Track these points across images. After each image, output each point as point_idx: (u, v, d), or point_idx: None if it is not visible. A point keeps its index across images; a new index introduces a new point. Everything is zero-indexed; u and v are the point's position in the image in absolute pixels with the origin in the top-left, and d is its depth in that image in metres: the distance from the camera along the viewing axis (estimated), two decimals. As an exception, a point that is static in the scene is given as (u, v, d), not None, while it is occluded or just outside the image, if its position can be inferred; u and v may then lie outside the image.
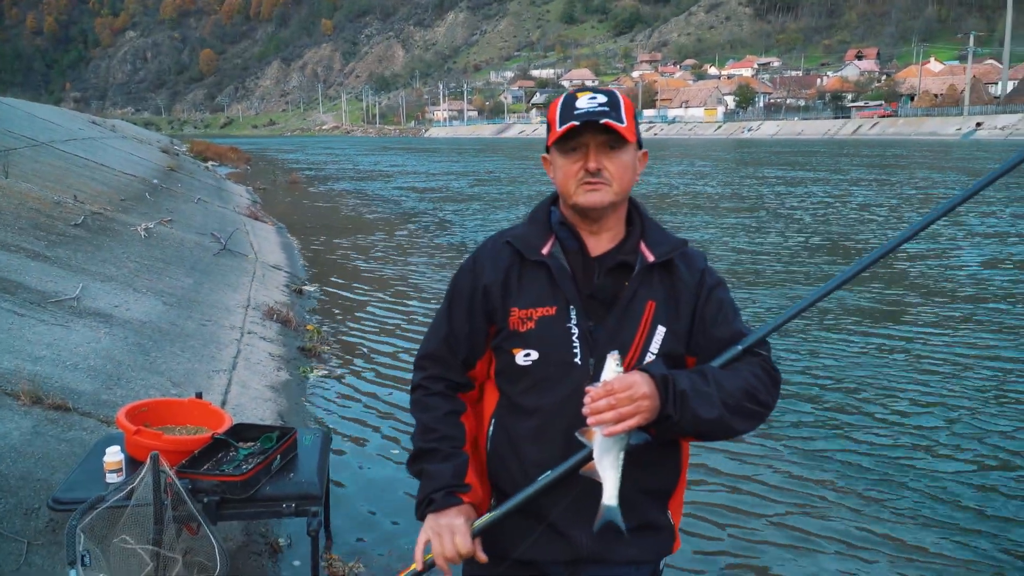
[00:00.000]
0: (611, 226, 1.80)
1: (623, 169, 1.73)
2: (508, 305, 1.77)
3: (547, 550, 1.78)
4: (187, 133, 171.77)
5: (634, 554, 1.81)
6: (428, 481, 1.79)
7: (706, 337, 1.78)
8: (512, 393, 1.81)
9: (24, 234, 7.31)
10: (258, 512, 3.25)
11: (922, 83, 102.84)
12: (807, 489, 4.72)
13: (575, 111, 1.70)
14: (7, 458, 3.49)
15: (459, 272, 1.90)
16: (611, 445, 1.59)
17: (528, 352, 1.75)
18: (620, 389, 1.55)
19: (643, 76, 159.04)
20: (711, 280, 1.83)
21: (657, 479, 1.82)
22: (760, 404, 1.72)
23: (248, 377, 5.74)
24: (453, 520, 1.73)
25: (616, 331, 1.73)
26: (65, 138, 17.26)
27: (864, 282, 10.15)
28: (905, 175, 30.01)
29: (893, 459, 5.11)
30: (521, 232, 1.83)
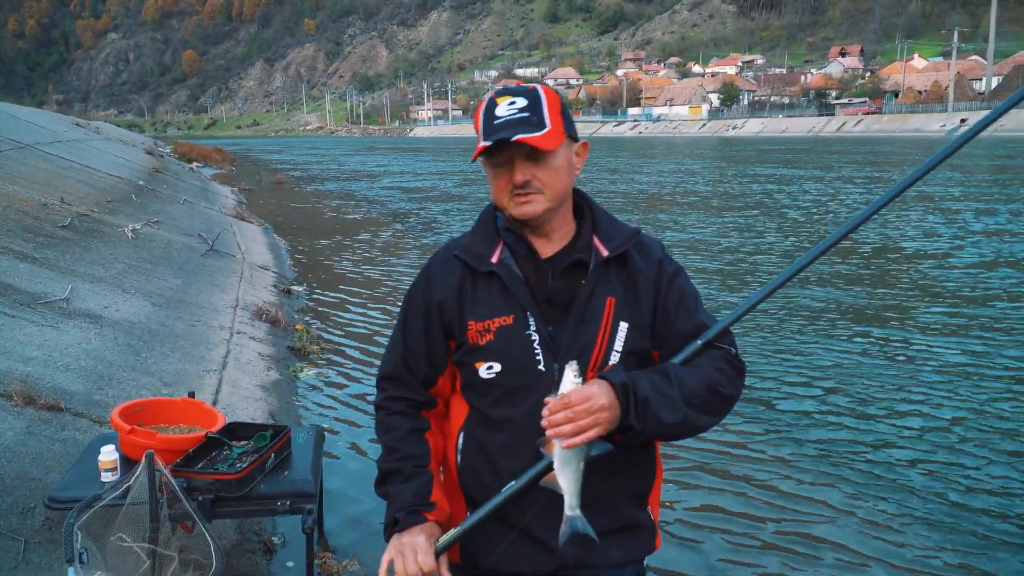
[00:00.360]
0: (558, 226, 1.74)
1: (553, 175, 1.66)
2: (465, 319, 1.72)
3: (529, 560, 1.74)
4: (171, 134, 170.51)
5: (618, 556, 1.77)
6: (392, 503, 1.77)
7: (669, 329, 1.74)
8: (481, 406, 1.76)
9: (12, 236, 7.28)
10: (253, 510, 3.27)
11: (906, 80, 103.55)
12: (800, 490, 4.75)
13: (495, 121, 1.64)
14: (2, 458, 3.50)
15: (411, 289, 1.85)
16: (571, 457, 1.57)
17: (491, 364, 1.71)
18: (577, 402, 1.52)
19: (627, 74, 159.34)
20: (670, 269, 1.77)
21: (635, 480, 1.79)
22: (724, 398, 1.69)
23: (238, 377, 5.76)
24: (415, 538, 1.70)
25: (577, 333, 1.68)
26: (50, 140, 17.15)
27: (864, 282, 10.21)
28: (896, 172, 30.09)
29: (891, 460, 5.14)
30: (468, 243, 1.78)
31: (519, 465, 1.67)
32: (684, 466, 4.93)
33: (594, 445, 1.57)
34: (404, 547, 1.69)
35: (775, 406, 6.03)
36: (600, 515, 1.70)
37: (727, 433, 5.41)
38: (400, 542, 1.70)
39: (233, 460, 3.32)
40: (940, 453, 5.17)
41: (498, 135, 1.62)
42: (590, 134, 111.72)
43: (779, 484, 4.77)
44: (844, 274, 10.84)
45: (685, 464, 4.96)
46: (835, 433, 5.54)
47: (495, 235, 1.76)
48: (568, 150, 1.70)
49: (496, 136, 1.62)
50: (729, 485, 4.74)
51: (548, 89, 1.70)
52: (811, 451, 5.24)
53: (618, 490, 1.76)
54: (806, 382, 6.56)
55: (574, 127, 1.73)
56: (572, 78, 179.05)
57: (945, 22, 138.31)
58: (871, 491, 4.65)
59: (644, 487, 1.82)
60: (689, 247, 13.44)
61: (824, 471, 4.92)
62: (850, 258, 11.98)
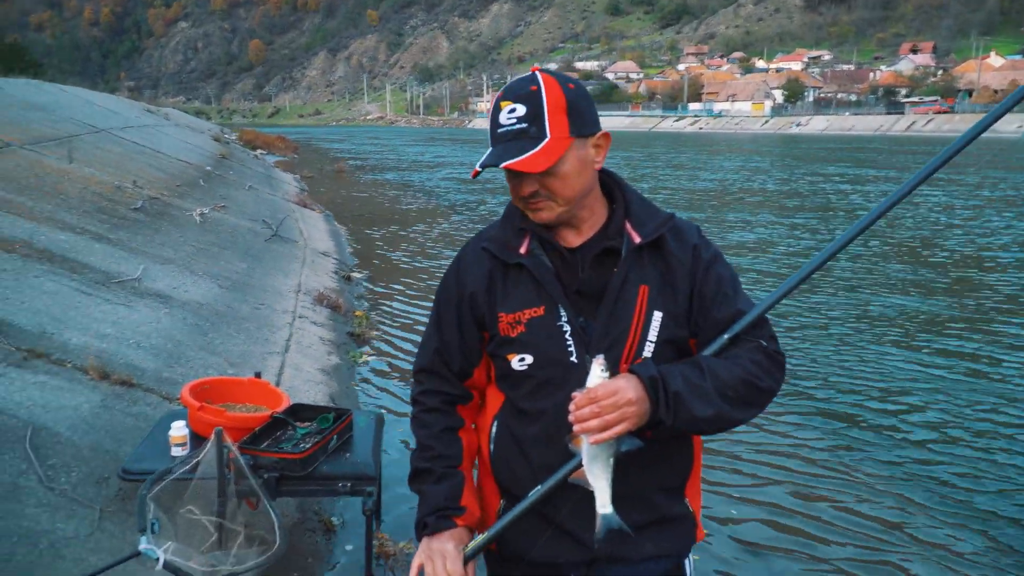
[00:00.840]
0: (584, 218, 1.69)
1: (560, 182, 1.60)
2: (495, 311, 1.70)
3: (563, 551, 1.73)
4: (236, 122, 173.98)
5: (652, 550, 1.74)
6: (423, 503, 1.77)
7: (705, 318, 1.67)
8: (515, 398, 1.74)
9: (88, 217, 7.55)
10: (315, 490, 3.34)
11: (981, 78, 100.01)
12: (873, 511, 4.62)
13: (498, 129, 1.60)
14: (79, 429, 3.65)
15: (443, 281, 1.83)
16: (599, 452, 1.54)
17: (523, 356, 1.68)
18: (604, 396, 1.49)
19: (689, 69, 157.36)
20: (707, 255, 1.70)
21: (668, 472, 1.75)
22: (761, 391, 1.62)
23: (300, 360, 5.88)
24: (445, 545, 1.70)
25: (609, 324, 1.64)
26: (123, 125, 17.69)
27: (949, 291, 9.74)
28: (976, 176, 28.75)
29: (978, 488, 4.88)
30: (496, 234, 1.74)
31: (553, 458, 1.64)
32: (760, 479, 4.89)
33: (624, 441, 1.54)
34: (433, 553, 1.70)
35: (854, 419, 5.72)
36: (632, 508, 1.68)
37: (796, 446, 5.22)
38: (430, 547, 1.72)
39: (297, 440, 3.40)
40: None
41: (491, 155, 1.59)
42: (649, 128, 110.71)
43: (852, 504, 4.53)
44: (926, 282, 10.37)
45: (762, 478, 4.92)
46: (914, 452, 5.21)
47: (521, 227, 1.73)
48: (579, 150, 1.61)
49: (488, 159, 1.59)
50: (799, 506, 4.51)
51: (552, 84, 1.60)
52: (885, 471, 4.93)
53: (650, 483, 1.72)
54: (882, 396, 6.22)
55: (588, 121, 1.63)
56: (632, 72, 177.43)
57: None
58: (951, 519, 4.35)
59: (679, 479, 1.78)
60: (757, 248, 13.15)
61: (900, 493, 4.62)
62: (934, 265, 11.48)
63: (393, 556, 3.68)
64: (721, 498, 4.51)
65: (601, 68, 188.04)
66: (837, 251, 1.71)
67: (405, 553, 3.72)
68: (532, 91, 1.58)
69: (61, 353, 4.33)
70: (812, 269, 1.70)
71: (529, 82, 1.60)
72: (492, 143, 1.62)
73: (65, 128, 12.93)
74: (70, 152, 9.95)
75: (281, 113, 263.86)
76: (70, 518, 3.06)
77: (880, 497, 4.55)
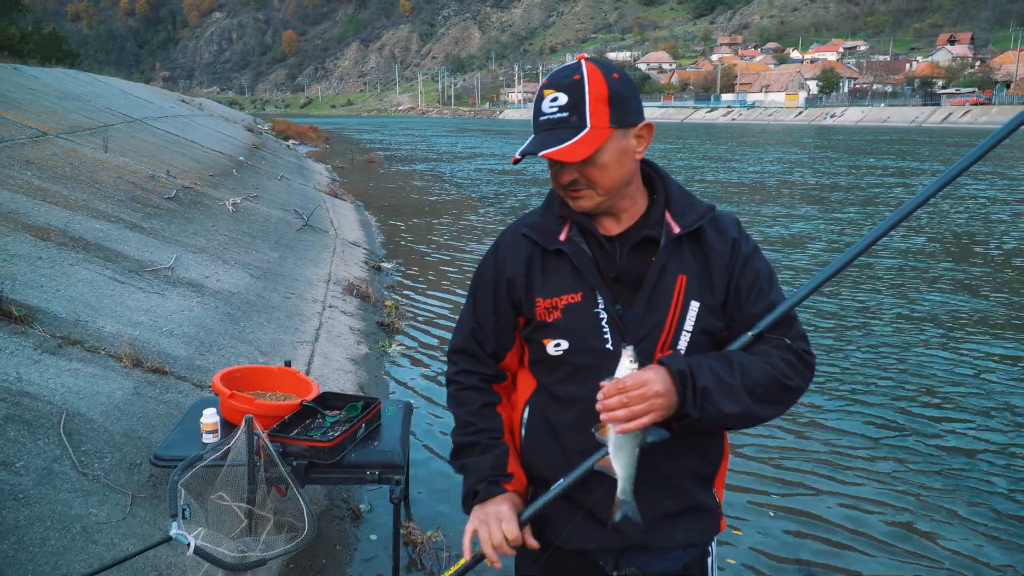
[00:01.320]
0: (624, 207, 1.70)
1: (600, 172, 1.61)
2: (532, 295, 1.71)
3: (594, 538, 1.75)
4: (269, 112, 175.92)
5: (682, 538, 1.76)
6: (470, 475, 1.78)
7: (741, 312, 1.68)
8: (549, 383, 1.76)
9: (122, 206, 7.65)
10: (343, 477, 3.36)
11: (1020, 70, 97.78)
12: (920, 524, 4.57)
13: (540, 117, 1.62)
14: (112, 415, 3.70)
15: (481, 264, 1.85)
16: (625, 442, 1.55)
17: (558, 342, 1.69)
18: (632, 387, 1.50)
19: (722, 59, 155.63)
20: (746, 249, 1.71)
21: (702, 462, 1.77)
22: (789, 390, 1.63)
23: (330, 349, 5.92)
24: (499, 507, 1.71)
25: (646, 312, 1.65)
26: (157, 115, 17.91)
27: (1003, 290, 9.33)
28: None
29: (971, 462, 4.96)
30: (537, 221, 1.76)
31: (587, 443, 1.65)
32: (790, 471, 4.84)
33: (650, 432, 1.55)
34: (488, 516, 1.71)
35: (895, 424, 5.51)
36: (666, 496, 1.72)
37: (832, 451, 5.02)
38: (484, 512, 1.72)
39: (326, 428, 3.43)
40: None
41: (532, 143, 1.60)
42: (682, 119, 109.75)
43: (884, 512, 4.41)
44: (974, 280, 9.89)
45: (790, 469, 4.87)
46: (956, 461, 4.92)
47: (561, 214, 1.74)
48: (620, 140, 1.61)
49: (528, 147, 1.60)
50: (831, 499, 4.44)
51: (595, 73, 1.60)
52: (927, 481, 4.67)
53: (685, 472, 1.74)
54: (926, 400, 5.93)
55: (631, 111, 1.63)
56: (665, 62, 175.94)
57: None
58: (985, 531, 4.22)
59: (710, 469, 1.79)
60: (797, 242, 12.84)
61: (942, 505, 4.38)
62: (982, 262, 11.01)
63: (420, 544, 3.69)
64: (746, 493, 4.47)
65: (633, 59, 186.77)
66: (868, 246, 1.70)
67: (432, 542, 3.73)
68: (575, 80, 1.60)
69: (95, 340, 4.40)
70: (841, 266, 1.71)
71: (573, 71, 1.61)
72: (534, 131, 1.63)
73: (100, 117, 13.12)
74: (105, 141, 10.09)
75: (313, 104, 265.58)
76: (103, 503, 3.11)
77: (918, 507, 4.38)
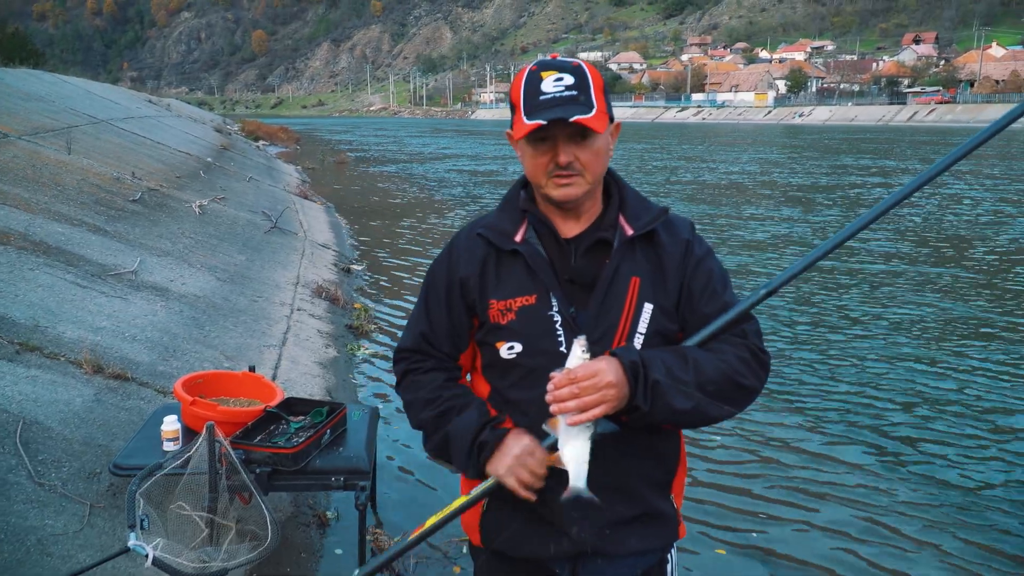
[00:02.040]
0: (587, 208, 1.70)
1: (594, 157, 1.61)
2: (486, 297, 1.69)
3: (547, 545, 1.72)
4: (239, 113, 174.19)
5: (637, 545, 1.74)
6: (461, 436, 1.67)
7: (693, 313, 1.67)
8: (502, 387, 1.73)
9: (86, 208, 7.53)
10: (308, 484, 3.33)
11: (983, 69, 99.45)
12: (841, 479, 4.66)
13: (541, 96, 1.57)
14: (71, 423, 3.63)
15: (434, 265, 1.82)
16: (576, 434, 1.53)
17: (511, 345, 1.67)
18: (583, 377, 1.47)
19: (692, 59, 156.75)
20: (699, 250, 1.71)
21: (656, 467, 1.75)
22: (743, 389, 1.62)
23: (298, 353, 5.86)
24: (521, 441, 1.61)
25: (599, 314, 1.64)
26: (123, 116, 17.67)
27: (997, 295, 9.10)
28: (1004, 166, 27.84)
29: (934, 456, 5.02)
30: (493, 221, 1.74)
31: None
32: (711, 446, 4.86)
33: (600, 424, 1.53)
34: (518, 455, 1.60)
35: (906, 439, 5.24)
36: (619, 502, 1.69)
37: (829, 459, 4.91)
38: (509, 457, 1.61)
39: (290, 435, 3.38)
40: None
41: (549, 113, 1.55)
42: (652, 119, 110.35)
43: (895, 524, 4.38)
44: (957, 283, 9.63)
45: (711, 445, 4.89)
46: (941, 472, 4.79)
47: (521, 213, 1.72)
48: (608, 132, 1.65)
49: (547, 114, 1.55)
50: (833, 522, 4.26)
51: (591, 67, 1.64)
52: (932, 492, 4.51)
53: (639, 476, 1.71)
54: (939, 415, 5.64)
55: (611, 108, 1.68)
56: (636, 63, 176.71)
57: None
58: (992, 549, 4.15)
59: (666, 474, 1.78)
60: (776, 244, 12.76)
61: (924, 516, 4.26)
62: (978, 266, 10.76)
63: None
64: (711, 496, 4.48)
65: (604, 59, 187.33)
66: (827, 252, 1.71)
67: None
68: (575, 66, 1.62)
69: (55, 347, 4.31)
70: (798, 271, 1.71)
71: (567, 60, 1.64)
72: (534, 110, 1.57)
73: (64, 119, 12.90)
74: (69, 143, 9.92)
75: (284, 104, 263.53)
76: (59, 514, 3.04)
77: (895, 524, 4.21)
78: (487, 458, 1.64)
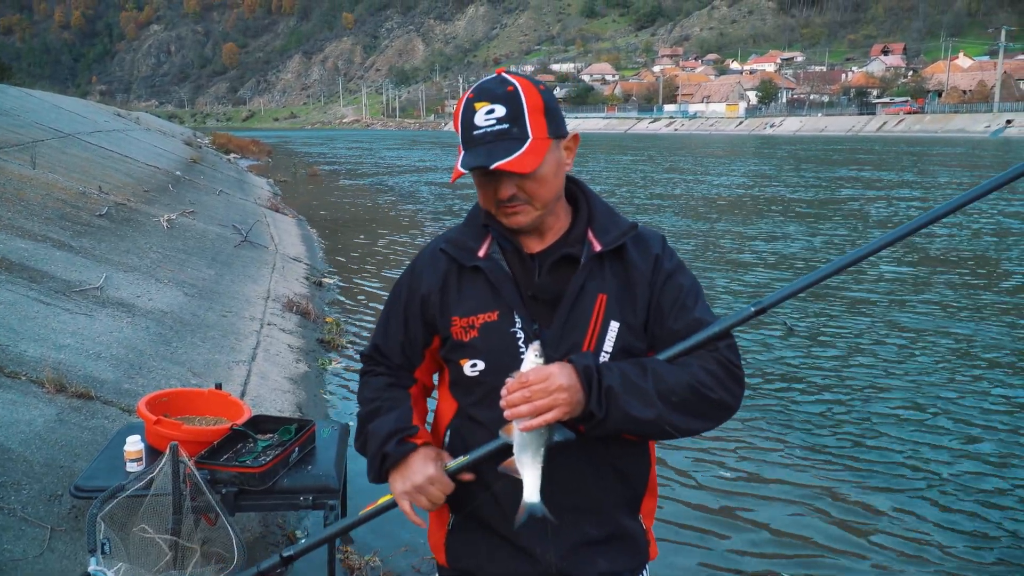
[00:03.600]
0: (550, 224, 1.66)
1: (539, 185, 1.56)
2: (448, 314, 1.66)
3: (513, 567, 1.69)
4: (210, 126, 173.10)
5: (605, 567, 1.69)
6: (374, 439, 1.68)
7: (662, 329, 1.63)
8: (466, 405, 1.70)
9: (50, 224, 7.39)
10: (276, 504, 3.26)
11: (950, 79, 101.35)
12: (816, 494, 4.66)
13: (473, 131, 1.54)
14: (32, 444, 3.54)
15: (398, 281, 1.81)
16: (530, 441, 1.50)
17: (475, 362, 1.64)
18: (535, 381, 1.45)
19: (664, 71, 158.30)
20: (669, 265, 1.66)
21: (623, 485, 1.70)
22: (711, 402, 1.56)
23: (268, 368, 5.77)
24: (423, 468, 1.62)
25: (564, 332, 1.60)
26: (91, 130, 17.44)
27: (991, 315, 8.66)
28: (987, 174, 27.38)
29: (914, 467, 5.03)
30: (455, 236, 1.71)
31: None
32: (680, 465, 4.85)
33: (556, 431, 1.50)
34: (416, 482, 1.62)
35: (924, 468, 4.99)
36: (585, 521, 1.66)
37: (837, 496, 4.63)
38: (406, 479, 1.64)
39: (257, 453, 3.32)
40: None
41: (474, 156, 1.52)
42: (625, 130, 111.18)
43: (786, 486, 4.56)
44: (978, 304, 9.06)
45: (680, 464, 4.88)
46: (960, 503, 4.54)
47: (484, 228, 1.68)
48: (556, 152, 1.59)
49: (472, 160, 1.52)
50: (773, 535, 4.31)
51: (529, 88, 1.57)
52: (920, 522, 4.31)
53: (605, 495, 1.68)
54: (962, 453, 5.25)
55: (562, 123, 1.61)
56: (608, 74, 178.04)
57: (992, 20, 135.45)
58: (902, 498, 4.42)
59: (633, 493, 1.74)
60: (784, 258, 12.63)
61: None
62: (993, 286, 10.16)
63: (358, 569, 3.60)
64: (684, 517, 4.46)
65: (577, 70, 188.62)
66: (824, 277, 1.69)
67: (370, 566, 3.64)
68: (509, 91, 1.55)
69: (15, 365, 4.21)
70: (793, 291, 1.69)
71: (503, 83, 1.57)
72: (468, 145, 1.55)
73: (29, 133, 12.71)
74: (33, 157, 9.76)
75: (256, 117, 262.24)
76: (18, 539, 2.96)
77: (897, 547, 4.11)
78: (388, 471, 1.67)
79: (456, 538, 1.76)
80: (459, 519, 1.74)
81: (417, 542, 3.82)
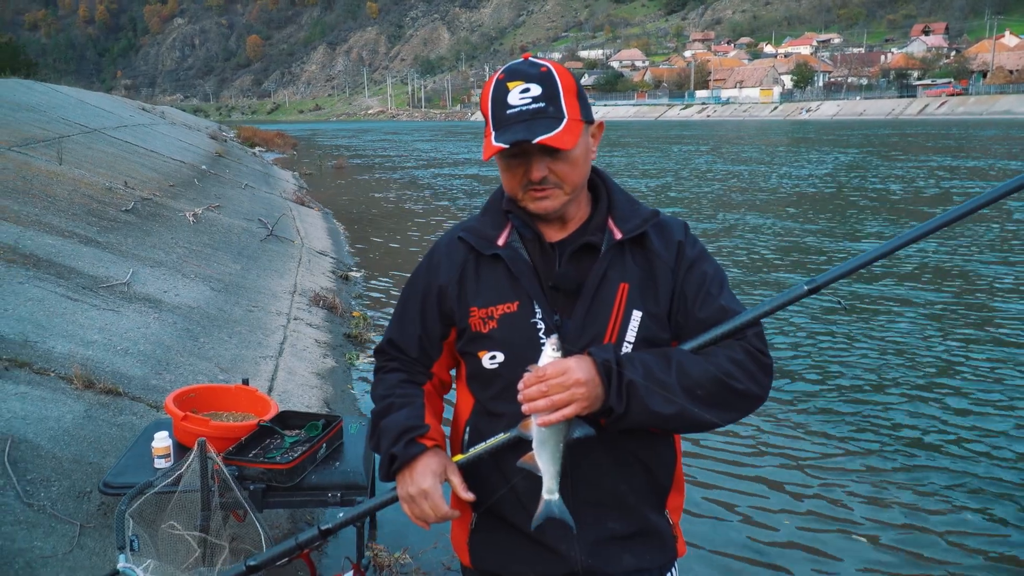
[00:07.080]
0: (572, 214, 1.64)
1: (571, 168, 1.55)
2: (466, 305, 1.63)
3: (539, 565, 1.67)
4: (235, 119, 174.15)
5: (632, 563, 1.66)
6: (385, 437, 1.67)
7: (687, 317, 1.60)
8: (484, 399, 1.68)
9: (77, 220, 7.44)
10: (304, 500, 3.25)
11: (996, 59, 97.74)
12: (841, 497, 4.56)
13: (507, 110, 1.51)
14: (61, 441, 3.55)
15: (415, 272, 1.78)
16: (548, 436, 1.47)
17: (494, 354, 1.61)
18: (552, 375, 1.42)
19: (695, 56, 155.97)
20: (692, 252, 1.63)
21: (648, 480, 1.67)
22: (737, 394, 1.52)
23: (294, 364, 5.77)
24: (421, 482, 1.59)
25: (586, 323, 1.57)
26: (116, 125, 17.60)
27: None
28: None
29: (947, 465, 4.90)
30: (474, 224, 1.69)
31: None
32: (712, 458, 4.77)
33: (576, 427, 1.47)
34: (414, 496, 1.61)
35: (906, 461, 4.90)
36: (611, 518, 1.64)
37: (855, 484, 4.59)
38: (407, 486, 1.62)
39: (285, 450, 3.30)
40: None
41: (513, 133, 1.49)
42: (656, 117, 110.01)
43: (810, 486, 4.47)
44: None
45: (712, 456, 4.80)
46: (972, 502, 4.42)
47: (505, 216, 1.66)
48: (586, 136, 1.58)
49: (511, 136, 1.49)
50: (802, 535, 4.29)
51: (562, 69, 1.56)
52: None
53: (629, 491, 1.65)
54: (958, 430, 5.24)
55: (590, 108, 1.60)
56: (638, 60, 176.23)
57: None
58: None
59: (660, 489, 1.70)
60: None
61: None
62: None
63: (388, 567, 3.57)
64: (717, 513, 4.39)
65: (606, 57, 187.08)
66: (877, 257, 1.57)
67: (400, 564, 3.62)
68: (543, 72, 1.54)
69: (44, 362, 4.23)
70: (849, 270, 1.57)
71: (534, 65, 1.56)
72: (502, 124, 1.52)
73: (56, 128, 12.84)
74: (60, 153, 9.85)
75: (280, 109, 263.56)
76: (48, 535, 2.96)
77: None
78: (396, 472, 1.65)
79: (479, 538, 1.74)
80: (481, 518, 1.72)
81: (447, 538, 3.79)
